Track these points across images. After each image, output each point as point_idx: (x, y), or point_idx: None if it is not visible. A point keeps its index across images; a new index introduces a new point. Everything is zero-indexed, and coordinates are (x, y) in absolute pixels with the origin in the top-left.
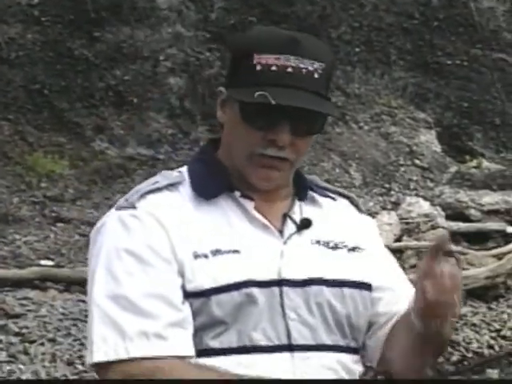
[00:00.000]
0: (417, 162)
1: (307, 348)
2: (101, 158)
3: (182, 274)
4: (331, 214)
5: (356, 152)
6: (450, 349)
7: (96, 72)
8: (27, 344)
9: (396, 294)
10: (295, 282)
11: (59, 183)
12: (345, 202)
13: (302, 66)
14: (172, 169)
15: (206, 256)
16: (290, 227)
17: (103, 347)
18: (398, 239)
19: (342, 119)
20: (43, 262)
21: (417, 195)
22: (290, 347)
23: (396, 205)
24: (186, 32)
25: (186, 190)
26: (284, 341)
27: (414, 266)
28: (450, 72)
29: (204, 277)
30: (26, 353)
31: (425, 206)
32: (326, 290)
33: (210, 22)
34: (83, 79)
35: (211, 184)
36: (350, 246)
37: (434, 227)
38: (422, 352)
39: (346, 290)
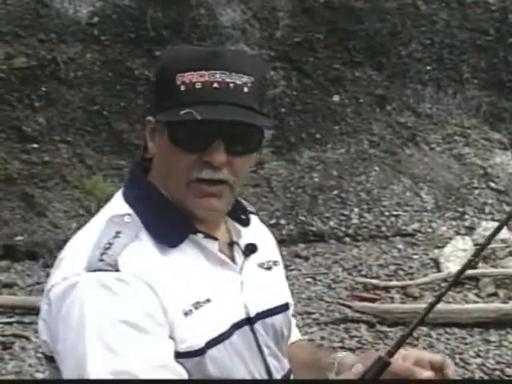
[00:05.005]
0: (492, 184)
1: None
2: None
3: (172, 336)
4: (256, 233)
5: (427, 174)
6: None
7: None
8: None
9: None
10: (258, 314)
11: None
12: (255, 217)
13: (228, 80)
14: None
15: (191, 311)
16: (239, 255)
17: None
18: (474, 266)
19: (412, 140)
20: None
21: (492, 219)
22: None
23: (471, 229)
24: (250, 50)
25: (145, 237)
26: (265, 377)
27: (491, 295)
28: None
29: (196, 334)
30: None
31: (501, 231)
32: (279, 317)
33: (274, 39)
34: (143, 100)
35: (172, 231)
36: (272, 261)
37: (511, 253)
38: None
39: (288, 313)
